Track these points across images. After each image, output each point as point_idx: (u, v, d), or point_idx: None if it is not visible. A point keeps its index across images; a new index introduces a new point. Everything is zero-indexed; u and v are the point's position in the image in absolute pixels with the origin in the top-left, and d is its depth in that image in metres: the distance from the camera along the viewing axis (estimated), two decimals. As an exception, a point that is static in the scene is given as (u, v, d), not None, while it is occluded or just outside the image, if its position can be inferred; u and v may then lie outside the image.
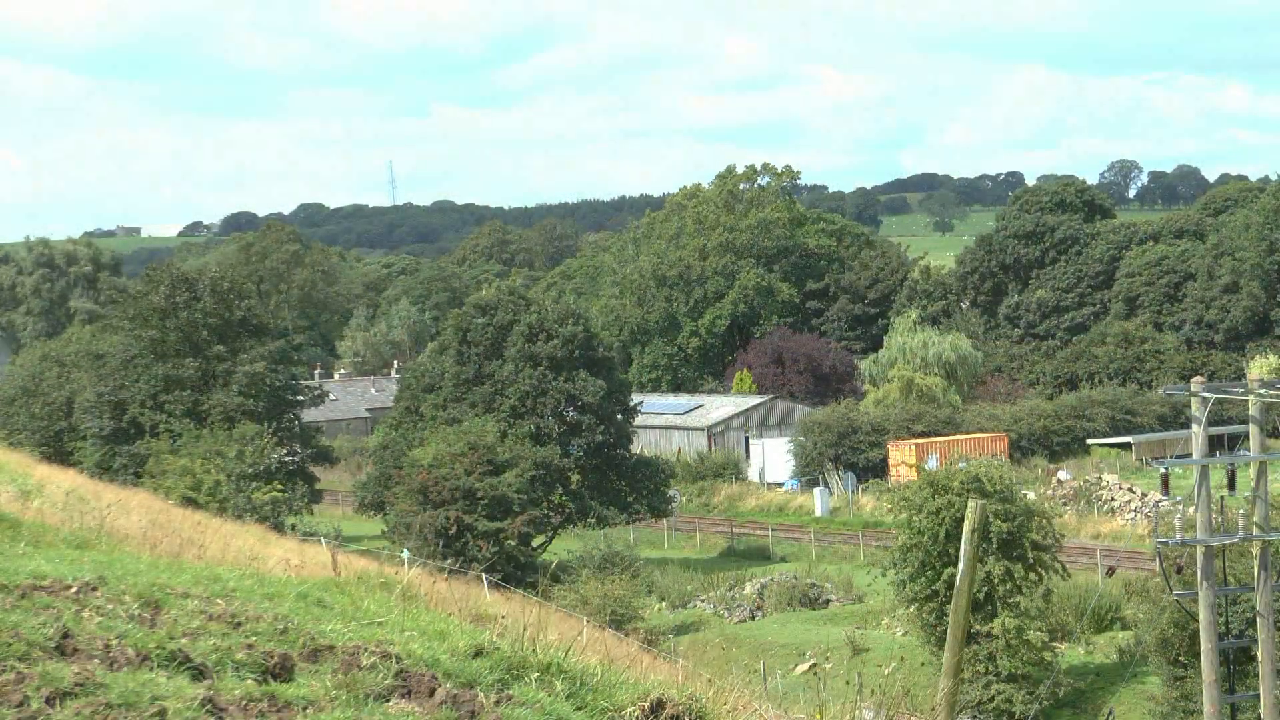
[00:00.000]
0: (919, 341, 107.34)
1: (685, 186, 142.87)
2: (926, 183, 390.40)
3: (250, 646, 9.37)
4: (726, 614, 61.34)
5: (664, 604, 63.77)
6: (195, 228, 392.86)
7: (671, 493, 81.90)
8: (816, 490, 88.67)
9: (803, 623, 57.38)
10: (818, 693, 11.95)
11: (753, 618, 60.40)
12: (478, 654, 10.23)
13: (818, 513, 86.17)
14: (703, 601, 63.83)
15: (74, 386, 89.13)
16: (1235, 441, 44.29)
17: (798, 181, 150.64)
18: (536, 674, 9.92)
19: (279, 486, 68.56)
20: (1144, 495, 75.29)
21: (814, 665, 49.70)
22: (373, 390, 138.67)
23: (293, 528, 64.35)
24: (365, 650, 9.63)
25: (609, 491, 75.31)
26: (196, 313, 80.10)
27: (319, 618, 11.10)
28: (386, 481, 69.64)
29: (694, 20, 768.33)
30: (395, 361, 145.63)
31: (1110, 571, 43.93)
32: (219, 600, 11.11)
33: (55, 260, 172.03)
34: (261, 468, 67.59)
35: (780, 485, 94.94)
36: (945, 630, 23.32)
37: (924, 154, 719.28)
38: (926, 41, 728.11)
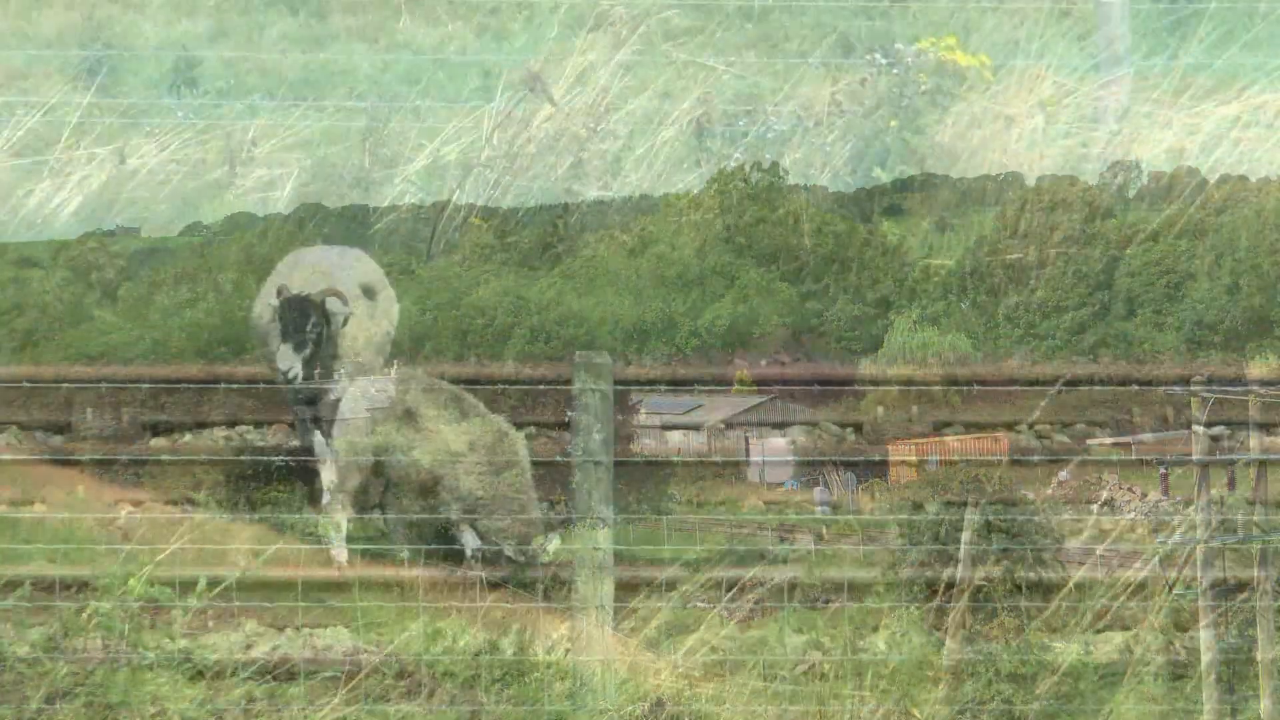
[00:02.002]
0: (919, 341, 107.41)
1: (681, 191, 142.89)
2: (927, 183, 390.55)
3: (250, 646, 9.36)
4: (726, 614, 61.40)
5: (663, 603, 63.78)
6: (195, 228, 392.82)
7: (671, 492, 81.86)
8: (816, 490, 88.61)
9: (803, 623, 57.43)
10: (818, 693, 11.92)
11: (753, 618, 60.45)
12: (478, 654, 10.21)
13: (818, 513, 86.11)
14: (703, 602, 63.88)
15: (72, 388, 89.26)
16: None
17: (796, 182, 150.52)
18: (536, 674, 9.89)
19: (279, 486, 68.61)
20: (1144, 495, 75.30)
21: (814, 665, 49.77)
22: (373, 390, 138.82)
23: (292, 527, 64.39)
24: (365, 650, 9.61)
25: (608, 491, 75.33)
26: (200, 312, 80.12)
27: (319, 618, 11.09)
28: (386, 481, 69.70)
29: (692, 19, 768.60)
30: (394, 362, 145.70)
31: (1108, 571, 43.94)
32: (219, 600, 11.09)
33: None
34: (262, 467, 67.65)
35: (780, 485, 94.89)
36: (945, 630, 23.27)
37: (924, 154, 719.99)
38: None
